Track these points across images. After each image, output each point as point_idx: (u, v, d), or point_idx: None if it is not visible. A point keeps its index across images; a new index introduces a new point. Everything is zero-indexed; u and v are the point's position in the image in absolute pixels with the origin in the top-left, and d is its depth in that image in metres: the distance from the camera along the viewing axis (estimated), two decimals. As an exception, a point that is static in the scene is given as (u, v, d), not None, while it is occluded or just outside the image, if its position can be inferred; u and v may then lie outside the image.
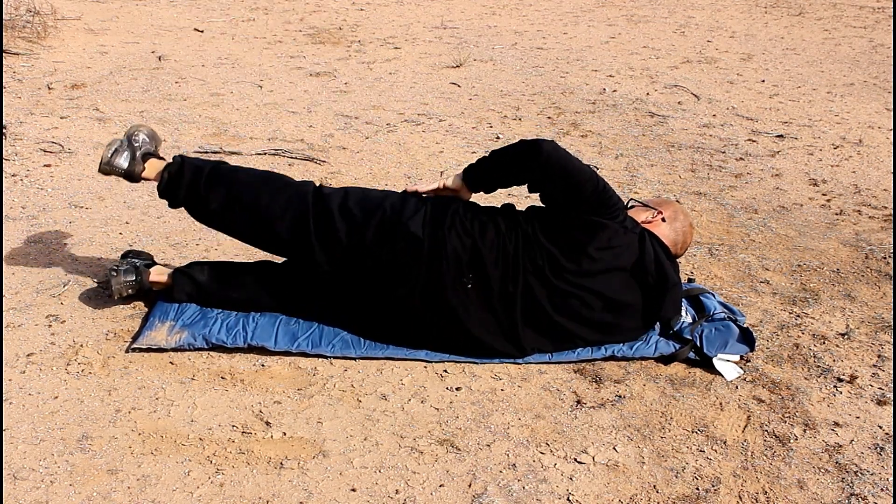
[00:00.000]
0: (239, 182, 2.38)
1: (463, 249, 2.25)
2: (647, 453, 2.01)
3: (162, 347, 2.30)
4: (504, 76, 5.63)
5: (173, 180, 2.39)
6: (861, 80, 5.90)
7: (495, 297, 2.27)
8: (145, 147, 2.47)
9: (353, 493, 1.84)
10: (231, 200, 2.36)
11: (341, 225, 2.30)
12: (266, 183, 2.38)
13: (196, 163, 2.42)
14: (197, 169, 2.39)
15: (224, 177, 2.39)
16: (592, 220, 2.28)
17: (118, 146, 2.44)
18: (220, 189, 2.36)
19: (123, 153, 2.43)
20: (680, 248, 2.50)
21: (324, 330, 2.40)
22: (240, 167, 2.46)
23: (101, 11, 6.99)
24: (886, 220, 3.48)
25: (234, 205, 2.36)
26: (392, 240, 2.27)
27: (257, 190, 2.36)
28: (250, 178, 2.40)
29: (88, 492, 1.80)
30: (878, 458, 2.02)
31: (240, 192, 2.36)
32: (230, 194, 2.36)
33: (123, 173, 2.43)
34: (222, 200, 2.36)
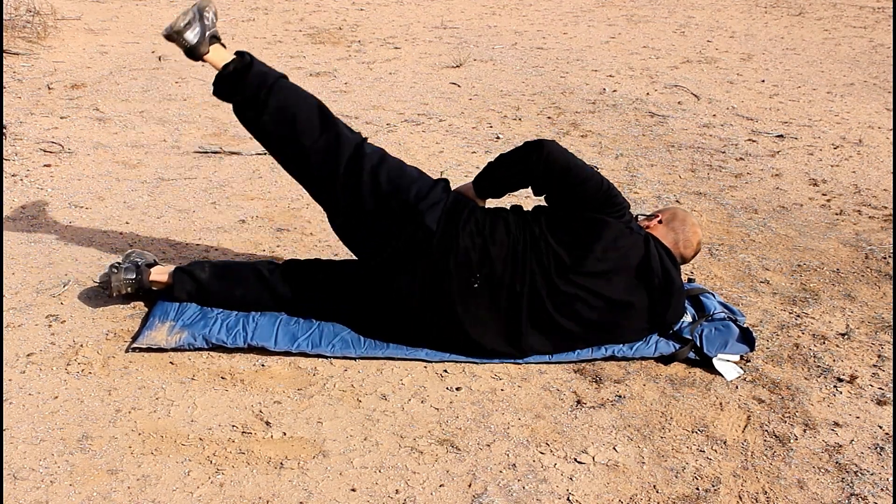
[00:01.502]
0: (296, 105, 2.36)
1: (473, 249, 2.25)
2: (647, 453, 2.01)
3: (162, 347, 2.30)
4: (504, 76, 5.63)
5: (236, 75, 2.34)
6: (861, 80, 5.90)
7: (502, 298, 2.27)
8: (213, 29, 2.39)
9: (353, 493, 1.84)
10: (285, 117, 2.34)
11: (366, 189, 2.31)
12: (321, 116, 2.37)
13: (262, 69, 2.37)
14: (263, 75, 2.35)
15: (284, 92, 2.36)
16: (598, 219, 2.29)
17: (191, 18, 2.33)
18: (278, 103, 2.33)
19: (195, 28, 2.34)
20: (682, 248, 2.48)
21: (324, 330, 2.40)
22: (300, 89, 2.43)
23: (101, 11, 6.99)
24: (886, 220, 3.48)
25: (284, 123, 2.34)
26: (405, 226, 2.27)
27: (311, 120, 2.35)
28: (309, 104, 2.38)
29: (88, 492, 1.80)
30: (878, 458, 2.02)
31: (294, 114, 2.34)
32: (285, 111, 2.34)
33: (189, 48, 2.35)
34: (275, 115, 2.34)
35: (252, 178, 3.63)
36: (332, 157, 2.34)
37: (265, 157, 3.88)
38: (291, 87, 2.39)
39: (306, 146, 2.34)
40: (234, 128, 4.27)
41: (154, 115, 4.41)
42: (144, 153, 3.85)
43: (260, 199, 3.42)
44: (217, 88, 2.39)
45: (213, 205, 3.33)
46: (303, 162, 2.38)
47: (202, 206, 3.32)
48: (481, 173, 2.40)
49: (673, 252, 2.45)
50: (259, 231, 3.12)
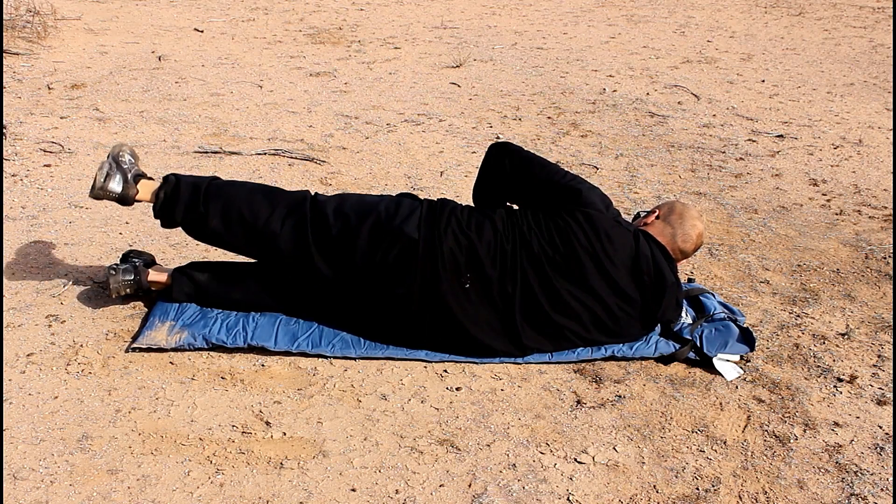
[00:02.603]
0: (237, 198, 2.38)
1: (459, 250, 2.26)
2: (647, 453, 2.01)
3: (162, 347, 2.30)
4: (504, 76, 5.63)
5: (169, 200, 2.38)
6: (861, 80, 5.90)
7: (495, 297, 2.27)
8: (134, 169, 2.44)
9: (353, 493, 1.84)
10: (230, 217, 2.35)
11: (336, 229, 2.31)
12: (264, 196, 2.39)
13: (191, 180, 2.41)
14: (194, 187, 2.38)
15: (221, 193, 2.38)
16: (585, 212, 2.31)
17: (108, 169, 2.38)
18: (218, 205, 2.36)
19: (115, 177, 2.38)
20: (681, 242, 2.46)
21: (324, 330, 2.40)
22: (235, 181, 2.46)
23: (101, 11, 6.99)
24: (886, 220, 3.48)
25: (234, 221, 2.35)
26: (387, 242, 2.27)
27: (256, 204, 2.36)
28: (247, 192, 2.40)
29: (88, 492, 1.80)
30: (878, 458, 2.02)
31: (239, 208, 2.36)
32: (229, 211, 2.36)
33: (117, 197, 2.39)
34: (221, 217, 2.35)
35: (252, 178, 3.63)
36: (295, 225, 2.33)
37: (265, 157, 3.88)
38: (224, 185, 2.41)
39: (265, 228, 2.34)
40: (234, 128, 4.27)
41: (154, 115, 4.41)
42: (144, 153, 3.85)
43: (260, 199, 3.42)
44: (160, 220, 2.43)
45: (213, 205, 3.33)
46: (271, 243, 2.36)
47: (202, 206, 3.31)
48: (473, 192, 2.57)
49: (670, 247, 2.43)
50: (259, 231, 3.12)
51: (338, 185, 3.59)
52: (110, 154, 2.43)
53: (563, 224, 2.30)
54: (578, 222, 2.30)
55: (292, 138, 4.17)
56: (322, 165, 3.81)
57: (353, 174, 3.75)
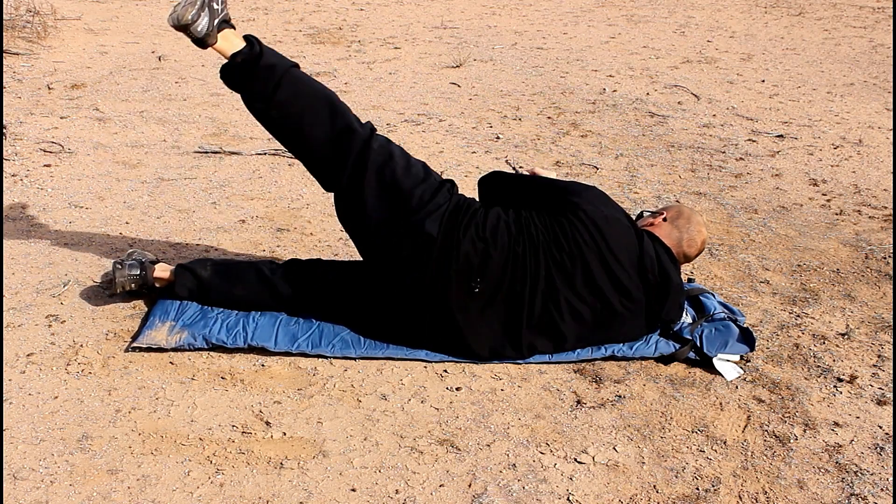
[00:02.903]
0: (306, 97, 2.33)
1: (475, 253, 2.25)
2: (647, 453, 2.01)
3: (162, 347, 2.30)
4: (504, 76, 5.63)
5: (242, 69, 2.31)
6: (861, 80, 5.90)
7: (502, 300, 2.27)
8: (224, 12, 2.33)
9: (353, 493, 1.84)
10: (292, 111, 2.32)
11: (369, 191, 2.30)
12: (330, 110, 2.34)
13: (271, 61, 2.32)
14: (270, 68, 2.30)
15: (294, 86, 2.32)
16: (588, 211, 2.32)
17: (199, 7, 2.23)
18: (287, 95, 2.30)
19: (203, 18, 2.25)
20: (686, 246, 2.47)
21: (324, 330, 2.40)
22: (311, 79, 2.40)
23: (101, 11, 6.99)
24: (886, 220, 3.48)
25: (292, 119, 2.32)
26: (406, 231, 2.27)
27: (319, 114, 2.33)
28: (318, 97, 2.35)
29: (88, 492, 1.80)
30: (878, 458, 2.02)
31: (303, 108, 2.32)
32: (293, 105, 2.31)
33: (196, 38, 2.26)
34: (284, 108, 2.31)
35: (252, 178, 3.63)
36: (339, 153, 2.33)
37: (265, 157, 3.88)
38: (300, 80, 2.36)
39: (314, 141, 2.34)
40: (234, 128, 4.27)
41: (154, 115, 4.41)
42: (144, 153, 3.85)
43: (260, 199, 3.42)
44: (224, 78, 2.37)
45: (213, 205, 3.33)
46: (310, 155, 2.38)
47: (202, 206, 3.32)
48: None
49: (675, 251, 2.44)
50: (259, 231, 3.12)
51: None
52: None
53: (568, 225, 2.30)
54: (583, 222, 2.30)
55: (292, 138, 4.16)
56: (322, 165, 3.81)
57: (353, 174, 3.74)
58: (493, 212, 2.35)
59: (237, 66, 2.31)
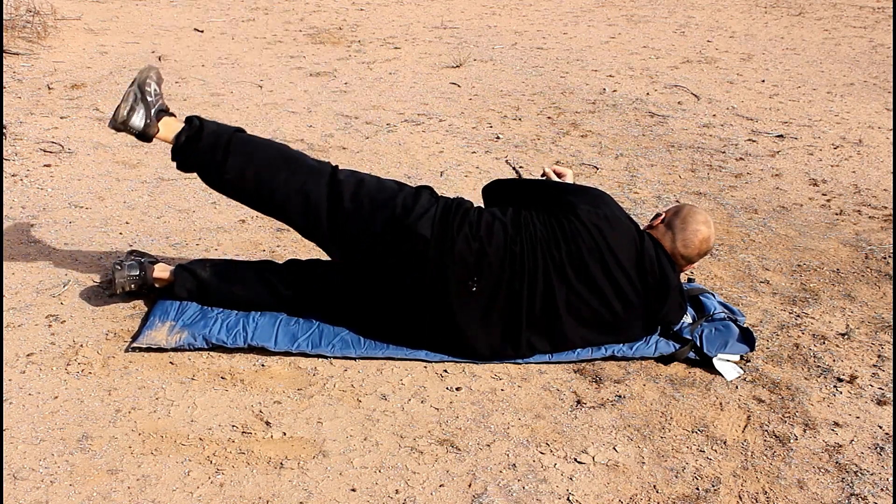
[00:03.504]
0: (257, 156, 2.31)
1: (470, 252, 2.25)
2: (647, 453, 2.01)
3: (162, 347, 2.30)
4: (504, 76, 5.63)
5: (189, 145, 2.31)
6: (861, 80, 5.90)
7: (501, 300, 2.27)
8: (159, 103, 2.34)
9: (353, 493, 1.84)
10: (247, 174, 2.30)
11: (349, 212, 2.29)
12: (284, 162, 2.33)
13: (214, 129, 2.33)
14: (215, 136, 2.30)
15: (242, 148, 2.31)
16: (588, 212, 2.32)
17: (133, 101, 2.27)
18: (238, 160, 2.29)
19: (139, 111, 2.28)
20: (681, 247, 2.41)
21: (324, 330, 2.40)
22: (258, 138, 2.38)
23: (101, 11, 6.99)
24: (886, 220, 3.48)
25: (250, 180, 2.30)
26: (399, 239, 2.26)
27: (275, 168, 2.31)
28: (269, 153, 2.34)
29: (88, 492, 1.80)
30: (878, 458, 2.02)
31: (257, 168, 2.30)
32: (247, 168, 2.30)
33: (137, 134, 2.29)
34: (238, 173, 2.30)
35: (252, 178, 3.63)
36: (308, 197, 2.30)
37: (265, 157, 3.87)
38: (248, 141, 2.35)
39: (279, 194, 2.31)
40: (234, 128, 4.27)
41: (154, 115, 4.40)
42: (144, 153, 3.85)
43: (260, 199, 3.42)
44: (177, 162, 2.37)
45: (213, 205, 3.33)
46: (282, 210, 2.35)
47: (202, 206, 3.32)
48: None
49: (671, 252, 2.42)
50: (259, 231, 3.12)
51: (338, 185, 3.58)
52: (136, 80, 2.31)
53: (568, 225, 2.30)
54: (583, 222, 2.30)
55: (292, 138, 4.16)
56: (322, 165, 3.81)
57: (353, 174, 3.74)
58: (487, 212, 2.36)
59: (182, 146, 2.32)
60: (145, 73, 2.33)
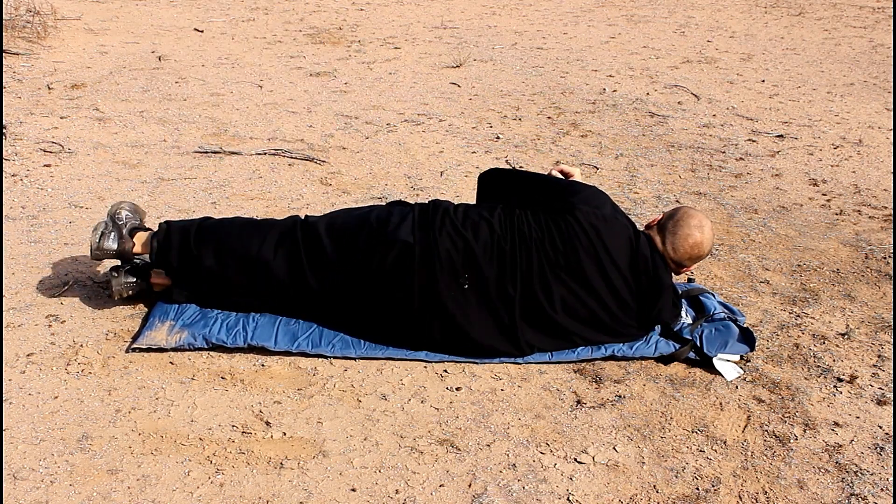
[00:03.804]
0: (227, 234, 2.41)
1: (455, 250, 2.26)
2: (647, 453, 2.01)
3: (162, 347, 2.30)
4: (504, 76, 5.63)
5: (162, 247, 2.40)
6: (861, 80, 5.90)
7: (493, 297, 2.27)
8: (130, 223, 2.46)
9: (353, 493, 1.84)
10: (222, 253, 2.39)
11: (330, 247, 2.34)
12: (254, 228, 2.43)
13: (181, 224, 2.45)
14: (183, 230, 2.42)
15: (211, 232, 2.42)
16: (585, 211, 2.32)
17: (104, 229, 2.41)
18: (210, 244, 2.39)
19: (110, 235, 2.40)
20: (671, 250, 2.39)
21: (324, 330, 2.40)
22: (223, 219, 2.49)
23: (101, 11, 6.99)
24: (886, 220, 3.48)
25: (227, 256, 2.39)
26: (383, 250, 2.29)
27: (246, 237, 2.40)
28: (237, 227, 2.44)
29: (88, 492, 1.80)
30: (878, 458, 2.02)
31: (230, 244, 2.39)
32: (220, 247, 2.39)
33: (115, 254, 2.41)
34: (214, 255, 2.39)
35: (252, 178, 3.63)
36: (288, 249, 2.37)
37: (265, 157, 3.88)
38: (213, 225, 2.45)
39: (260, 259, 2.37)
40: (234, 128, 4.27)
41: (154, 115, 4.41)
42: (144, 153, 3.85)
43: (260, 199, 3.42)
44: (164, 267, 2.45)
45: (213, 205, 3.33)
46: (268, 273, 2.38)
47: (202, 206, 3.32)
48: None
49: (663, 254, 2.41)
50: (259, 231, 3.12)
51: (338, 185, 3.59)
52: (108, 212, 2.46)
53: (565, 224, 2.30)
54: (580, 222, 2.30)
55: (292, 138, 4.17)
56: (322, 165, 3.81)
57: (353, 174, 3.74)
58: (473, 210, 2.38)
59: (158, 249, 2.41)
60: (115, 206, 2.47)
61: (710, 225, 2.44)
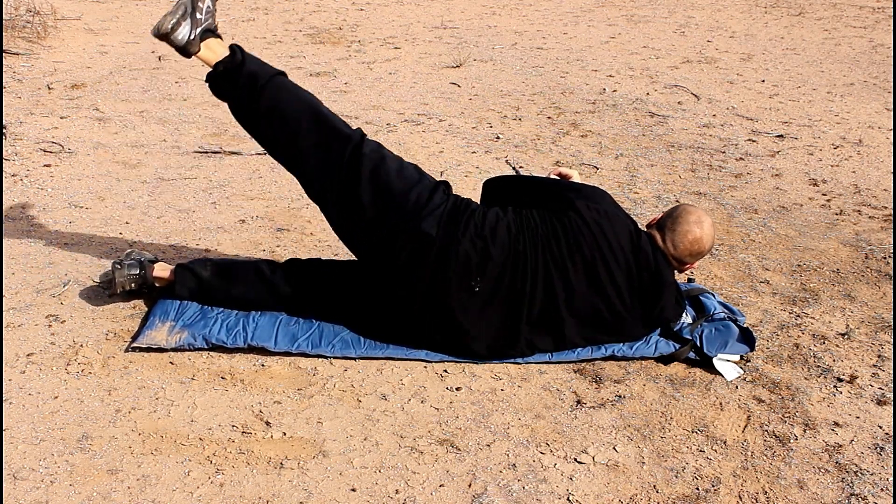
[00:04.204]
0: (287, 107, 2.32)
1: (474, 252, 2.24)
2: (647, 453, 2.01)
3: (162, 347, 2.30)
4: (504, 76, 5.63)
5: (225, 76, 2.31)
6: (861, 80, 5.90)
7: (503, 298, 2.27)
8: (208, 21, 2.31)
9: (353, 493, 1.84)
10: (272, 121, 2.31)
11: (365, 196, 2.28)
12: (314, 117, 2.34)
13: (254, 68, 2.32)
14: (253, 76, 2.30)
15: (276, 95, 2.31)
16: (588, 208, 2.34)
17: (181, 14, 2.23)
18: (267, 105, 2.30)
19: (185, 24, 2.25)
20: (671, 247, 2.40)
21: (324, 330, 2.40)
22: (295, 87, 2.38)
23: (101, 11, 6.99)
24: (886, 220, 3.48)
25: (276, 128, 2.31)
26: (404, 236, 2.26)
27: (305, 123, 2.31)
28: (302, 106, 2.34)
29: (88, 492, 1.80)
30: (878, 458, 2.03)
31: (284, 117, 2.31)
32: (272, 114, 2.30)
33: (179, 47, 2.27)
34: (265, 117, 2.31)
35: (252, 178, 3.63)
36: (328, 160, 2.31)
37: (265, 157, 3.88)
38: (284, 87, 2.35)
39: (301, 148, 2.32)
40: (235, 128, 4.27)
41: (154, 115, 4.41)
42: (144, 153, 3.85)
43: (260, 199, 3.42)
44: (211, 86, 2.37)
45: (213, 205, 3.33)
46: (300, 164, 2.36)
47: (202, 206, 3.32)
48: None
49: (664, 252, 2.41)
50: (259, 231, 3.12)
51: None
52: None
53: (568, 220, 2.31)
54: (583, 218, 2.30)
55: (292, 138, 4.16)
56: (322, 165, 3.81)
57: (353, 174, 3.74)
58: (493, 211, 2.35)
59: (219, 75, 2.32)
60: None
61: (711, 221, 2.44)
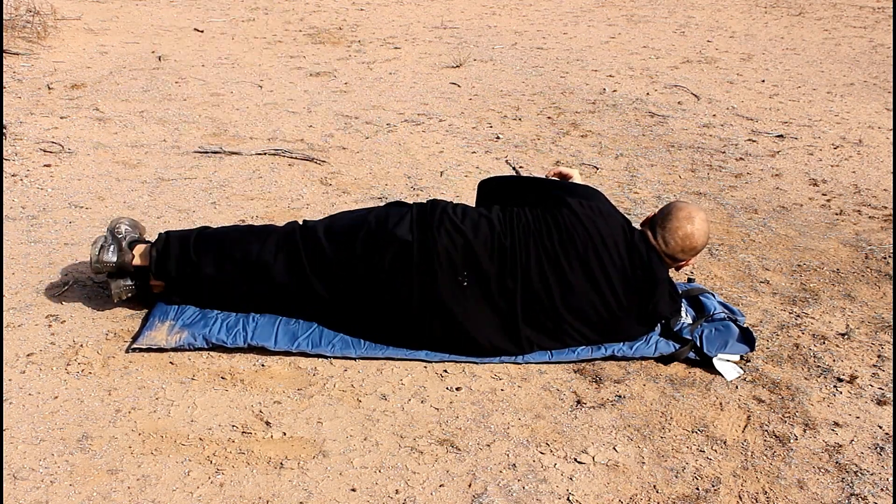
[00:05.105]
0: (226, 241, 2.42)
1: (454, 248, 2.26)
2: (647, 453, 2.01)
3: (162, 347, 2.30)
4: (504, 76, 5.63)
5: (162, 256, 2.41)
6: (861, 80, 5.90)
7: (494, 294, 2.28)
8: (130, 236, 2.47)
9: (353, 493, 1.84)
10: (223, 259, 2.39)
11: (329, 247, 2.34)
12: (253, 234, 2.43)
13: (180, 234, 2.46)
14: (182, 238, 2.43)
15: (210, 239, 2.43)
16: (581, 205, 2.35)
17: (103, 242, 2.42)
18: (210, 251, 2.40)
19: (109, 248, 2.41)
20: (662, 244, 2.39)
21: (324, 330, 2.40)
22: (223, 227, 2.50)
23: (101, 11, 6.99)
24: (886, 220, 3.48)
25: (227, 262, 2.39)
26: (381, 249, 2.29)
27: (246, 242, 2.40)
28: (235, 234, 2.45)
29: (88, 492, 1.80)
30: (878, 458, 2.03)
31: (230, 250, 2.40)
32: (220, 254, 2.40)
33: (114, 267, 2.41)
34: (213, 262, 2.39)
35: (252, 178, 3.63)
36: (288, 254, 2.37)
37: (265, 157, 3.88)
38: (212, 233, 2.47)
39: (259, 263, 2.38)
40: (234, 128, 4.27)
41: (154, 115, 4.41)
42: (144, 153, 3.85)
43: (260, 199, 3.42)
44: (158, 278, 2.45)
45: (213, 205, 3.33)
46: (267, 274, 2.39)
47: (202, 206, 3.32)
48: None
49: (656, 247, 2.41)
50: (259, 231, 3.12)
51: (338, 185, 3.59)
52: (108, 227, 2.48)
53: (561, 217, 2.31)
54: (576, 215, 2.31)
55: (292, 138, 4.17)
56: (322, 165, 3.81)
57: (353, 174, 3.74)
58: (472, 209, 2.39)
59: (157, 259, 2.42)
60: (114, 221, 2.49)
61: (703, 217, 2.41)
